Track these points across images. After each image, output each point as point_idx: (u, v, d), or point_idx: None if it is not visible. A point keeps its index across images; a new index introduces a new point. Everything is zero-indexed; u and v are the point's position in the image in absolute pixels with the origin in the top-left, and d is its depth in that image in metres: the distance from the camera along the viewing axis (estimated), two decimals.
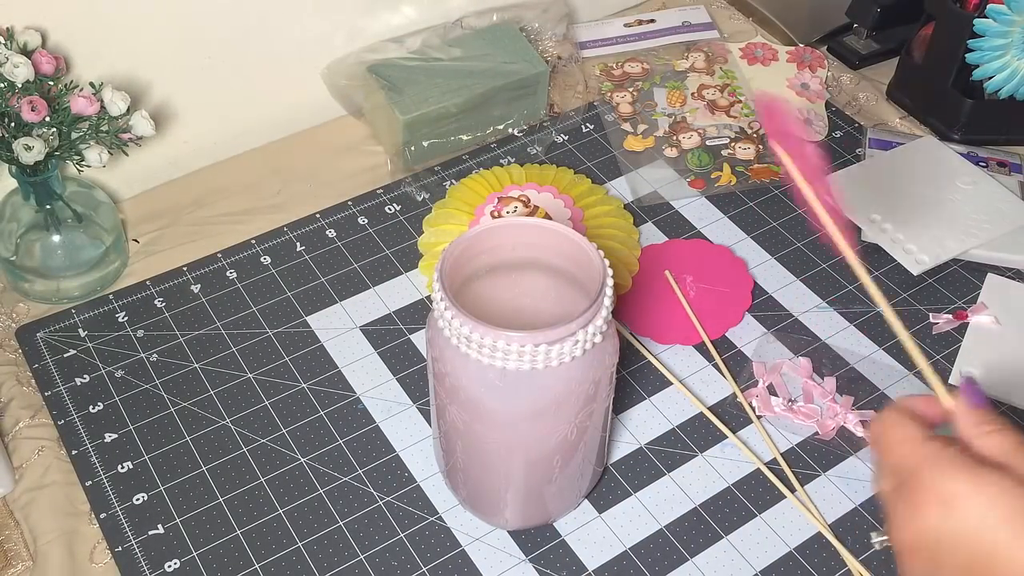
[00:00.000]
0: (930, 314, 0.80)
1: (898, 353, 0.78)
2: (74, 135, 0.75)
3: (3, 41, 0.73)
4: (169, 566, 0.65)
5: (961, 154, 0.92)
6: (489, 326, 0.54)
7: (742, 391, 0.75)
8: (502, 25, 0.97)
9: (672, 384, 0.75)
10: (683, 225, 0.87)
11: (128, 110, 0.75)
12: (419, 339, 0.78)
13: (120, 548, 0.66)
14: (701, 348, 0.78)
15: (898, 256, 0.83)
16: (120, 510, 0.68)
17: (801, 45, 1.05)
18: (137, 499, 0.68)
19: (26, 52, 0.73)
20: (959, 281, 0.83)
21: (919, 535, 0.44)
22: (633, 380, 0.76)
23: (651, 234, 0.86)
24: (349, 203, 0.89)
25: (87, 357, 0.76)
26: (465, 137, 0.93)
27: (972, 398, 0.47)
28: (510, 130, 0.95)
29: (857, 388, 0.75)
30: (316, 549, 0.66)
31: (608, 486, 0.70)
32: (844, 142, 0.95)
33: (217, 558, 0.65)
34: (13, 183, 0.78)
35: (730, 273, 0.82)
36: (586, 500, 0.69)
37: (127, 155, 0.78)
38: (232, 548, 0.66)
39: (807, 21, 1.08)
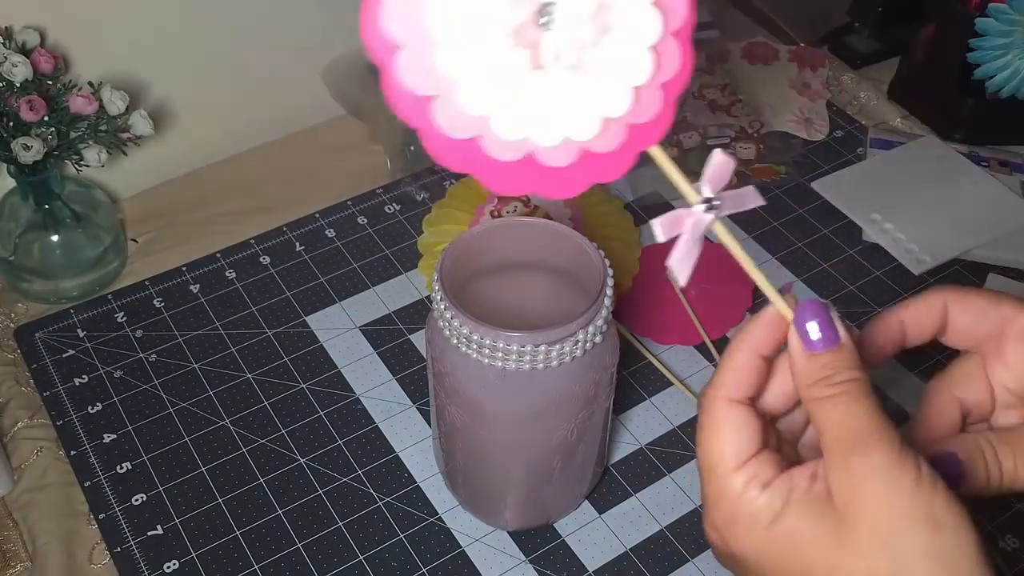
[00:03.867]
0: None
1: (900, 354, 0.77)
2: (73, 134, 0.75)
3: (2, 40, 0.73)
4: (168, 567, 0.65)
5: (962, 154, 0.92)
6: (489, 326, 0.54)
7: None
8: None
9: (672, 384, 0.75)
10: None
11: (127, 109, 0.75)
12: (419, 339, 0.78)
13: (119, 549, 0.66)
14: (702, 348, 0.78)
15: (899, 256, 0.83)
16: (119, 511, 0.67)
17: (802, 44, 1.05)
18: (136, 500, 0.68)
19: (25, 51, 0.73)
20: (960, 281, 0.82)
21: None
22: (633, 380, 0.76)
23: (652, 234, 0.86)
24: (348, 203, 0.88)
25: (86, 357, 0.76)
26: None
27: (813, 331, 0.37)
28: None
29: None
30: (315, 550, 0.66)
31: (608, 487, 0.69)
32: (845, 142, 0.95)
33: (216, 559, 0.65)
34: (11, 183, 0.78)
35: (731, 273, 0.82)
36: (586, 501, 0.69)
37: (126, 155, 0.78)
38: (231, 549, 0.66)
39: (808, 20, 1.08)
